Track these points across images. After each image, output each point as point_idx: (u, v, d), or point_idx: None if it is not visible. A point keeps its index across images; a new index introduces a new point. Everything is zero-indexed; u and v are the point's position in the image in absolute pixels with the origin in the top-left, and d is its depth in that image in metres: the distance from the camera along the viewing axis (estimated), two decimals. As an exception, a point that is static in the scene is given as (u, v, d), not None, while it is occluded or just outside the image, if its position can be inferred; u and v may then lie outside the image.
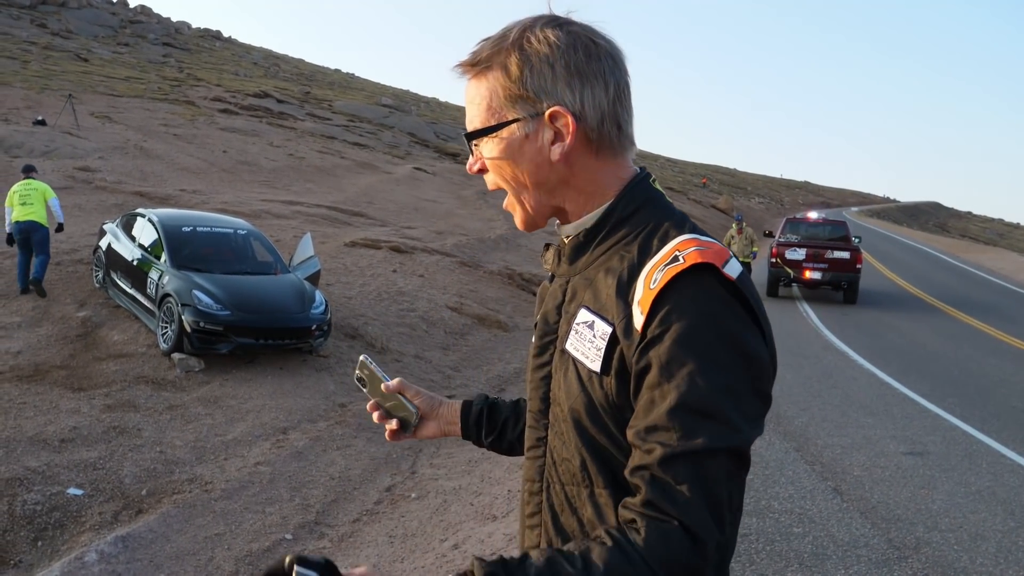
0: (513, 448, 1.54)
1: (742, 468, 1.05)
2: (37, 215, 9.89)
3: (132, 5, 57.48)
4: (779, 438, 7.01)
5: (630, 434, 1.08)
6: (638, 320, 1.08)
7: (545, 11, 1.20)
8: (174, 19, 60.42)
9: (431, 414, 1.54)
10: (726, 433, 1.02)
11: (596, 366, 1.13)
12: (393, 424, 1.52)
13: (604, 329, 1.13)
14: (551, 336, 1.24)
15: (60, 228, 10.48)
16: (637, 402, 1.08)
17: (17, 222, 9.80)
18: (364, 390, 1.54)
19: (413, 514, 5.82)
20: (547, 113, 1.16)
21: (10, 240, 9.98)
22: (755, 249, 18.21)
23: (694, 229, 1.15)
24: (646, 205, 1.20)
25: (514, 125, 1.17)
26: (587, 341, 1.15)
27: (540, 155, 1.18)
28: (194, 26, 62.87)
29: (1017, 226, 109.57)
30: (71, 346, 8.47)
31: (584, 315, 1.17)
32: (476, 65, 1.19)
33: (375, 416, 1.53)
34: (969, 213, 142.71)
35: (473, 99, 1.20)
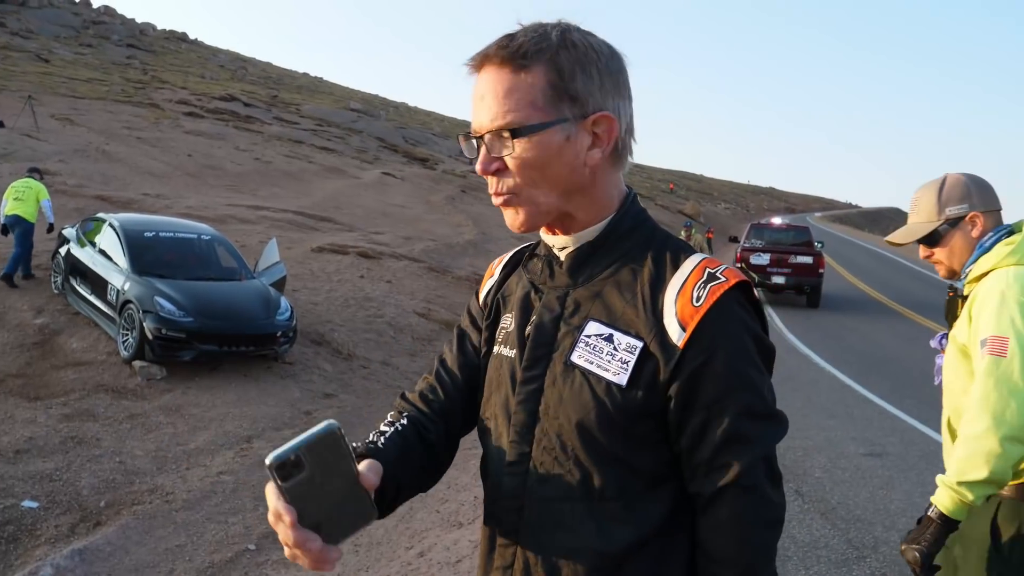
0: (421, 484, 1.33)
1: None
2: (24, 211, 10.45)
3: (95, 5, 56.66)
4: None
5: (695, 450, 1.14)
6: (676, 335, 1.12)
7: (556, 17, 1.19)
8: (139, 20, 59.68)
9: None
10: (781, 428, 1.17)
11: (621, 379, 1.13)
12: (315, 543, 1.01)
13: (631, 343, 1.14)
14: (546, 349, 1.21)
15: (51, 229, 11.01)
16: (688, 419, 1.13)
17: (7, 215, 10.44)
18: (282, 484, 0.98)
19: (378, 522, 5.79)
20: (593, 117, 1.16)
21: (4, 231, 10.55)
22: None
23: (694, 249, 1.25)
24: (641, 223, 1.25)
25: (559, 126, 1.15)
26: (605, 354, 1.15)
27: (576, 159, 1.17)
28: (159, 27, 62.12)
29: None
30: (28, 354, 8.31)
31: (596, 328, 1.17)
32: (518, 59, 1.14)
33: (291, 535, 1.00)
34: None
35: (507, 93, 1.14)
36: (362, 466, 1.05)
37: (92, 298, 9.11)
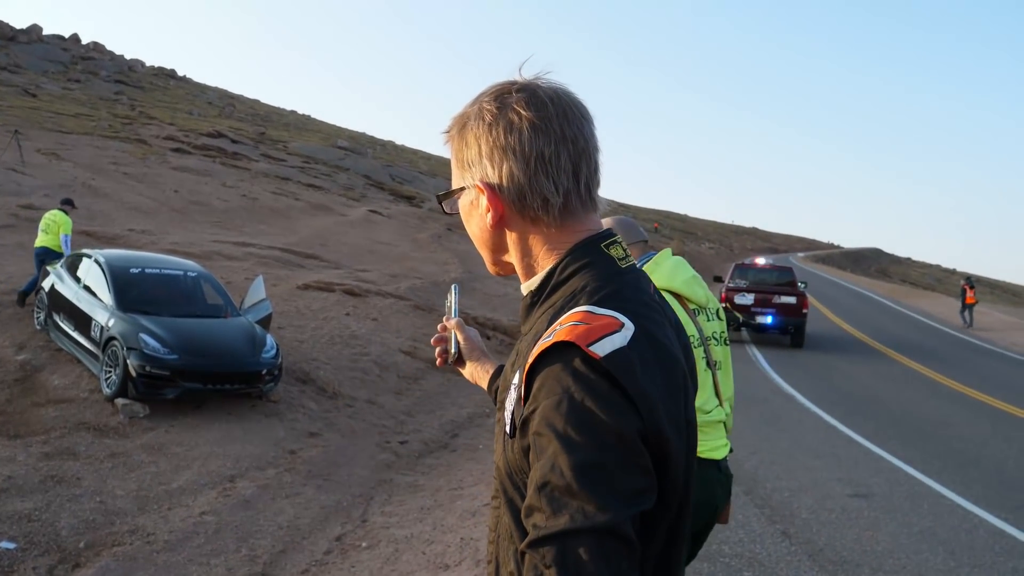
0: None
1: (620, 546, 0.97)
2: (50, 243, 11.30)
3: (84, 42, 56.91)
4: (729, 482, 7.09)
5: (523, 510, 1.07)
6: (523, 391, 1.10)
7: (514, 76, 1.23)
8: (127, 56, 59.91)
9: (471, 359, 1.73)
10: (591, 512, 0.97)
11: (508, 428, 1.15)
12: (439, 352, 1.74)
13: (515, 393, 1.14)
14: (504, 394, 1.23)
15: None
16: None
17: (36, 247, 11.38)
18: (444, 307, 1.77)
19: (364, 564, 5.72)
20: (476, 186, 1.22)
21: (40, 261, 11.26)
22: None
23: (614, 296, 1.13)
24: (583, 269, 1.19)
25: (463, 192, 1.26)
26: (510, 403, 1.15)
27: (482, 220, 1.24)
28: (148, 64, 62.39)
29: (953, 272, 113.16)
30: (8, 390, 8.21)
31: (516, 376, 1.16)
32: (446, 133, 1.28)
33: (433, 339, 1.74)
34: (909, 259, 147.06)
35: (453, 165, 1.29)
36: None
37: (75, 334, 9.03)
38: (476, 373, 1.73)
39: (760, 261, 22.84)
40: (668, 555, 1.12)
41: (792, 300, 18.02)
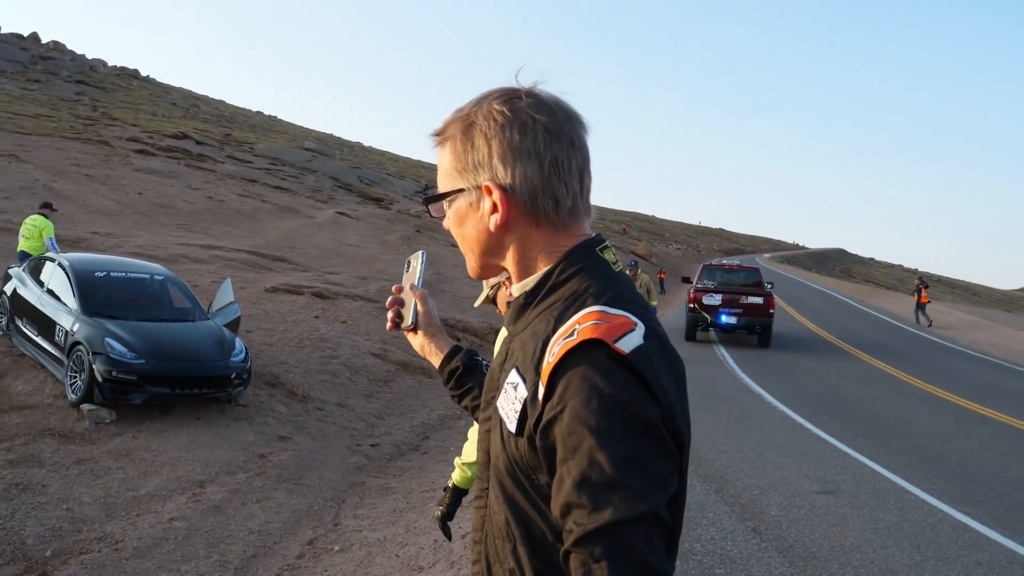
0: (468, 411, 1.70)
1: (660, 530, 1.04)
2: (31, 248, 11.40)
3: (44, 41, 55.83)
4: (700, 480, 7.16)
5: (554, 511, 1.09)
6: (540, 391, 1.12)
7: (511, 83, 1.26)
8: (89, 56, 58.88)
9: (426, 333, 1.70)
10: (632, 502, 1.02)
11: (513, 427, 1.17)
12: (391, 315, 1.71)
13: (522, 392, 1.17)
14: (493, 392, 1.28)
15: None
16: (553, 476, 1.10)
17: (18, 251, 11.58)
18: (404, 272, 1.74)
19: (337, 567, 5.69)
20: (483, 187, 1.24)
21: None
22: (654, 303, 14.93)
23: (618, 298, 1.17)
24: (581, 272, 1.22)
25: (461, 194, 1.27)
26: (511, 401, 1.19)
27: (481, 223, 1.26)
28: (110, 64, 61.40)
29: (915, 271, 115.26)
30: (-30, 397, 8.04)
31: (512, 376, 1.21)
32: (439, 135, 1.29)
33: (388, 300, 1.71)
34: (872, 259, 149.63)
35: (440, 167, 1.30)
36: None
37: (39, 339, 8.86)
38: (427, 347, 1.71)
39: (727, 262, 23.10)
40: (676, 532, 1.16)
41: (759, 300, 18.25)
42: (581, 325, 1.11)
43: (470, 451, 3.10)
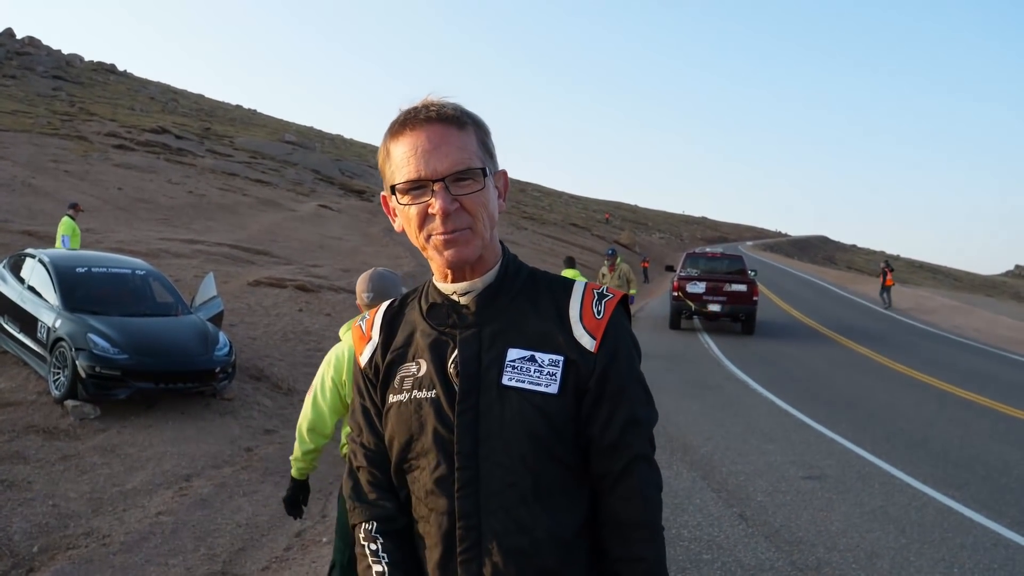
0: None
1: None
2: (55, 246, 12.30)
3: (19, 36, 55.04)
4: (686, 467, 7.20)
5: (604, 434, 1.39)
6: (589, 344, 1.39)
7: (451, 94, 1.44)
8: (65, 51, 58.14)
9: None
10: (656, 411, 1.47)
11: (553, 389, 1.36)
12: None
13: (553, 359, 1.38)
14: (474, 381, 1.38)
15: None
16: (599, 409, 1.39)
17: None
18: None
19: (325, 559, 5.67)
20: (497, 173, 1.46)
21: None
22: (632, 292, 14.28)
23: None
24: (521, 264, 1.51)
25: (489, 175, 1.41)
26: (532, 372, 1.37)
27: (494, 203, 1.43)
28: (87, 59, 60.65)
29: (897, 257, 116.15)
30: (-49, 395, 7.94)
31: (516, 353, 1.39)
32: (458, 119, 1.38)
33: None
34: (854, 246, 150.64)
35: (464, 145, 1.37)
36: None
37: (21, 336, 8.77)
38: None
39: (710, 250, 23.17)
40: None
41: (743, 288, 18.33)
42: (600, 289, 1.46)
43: (296, 446, 3.63)
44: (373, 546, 1.45)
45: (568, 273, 11.48)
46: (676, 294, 18.47)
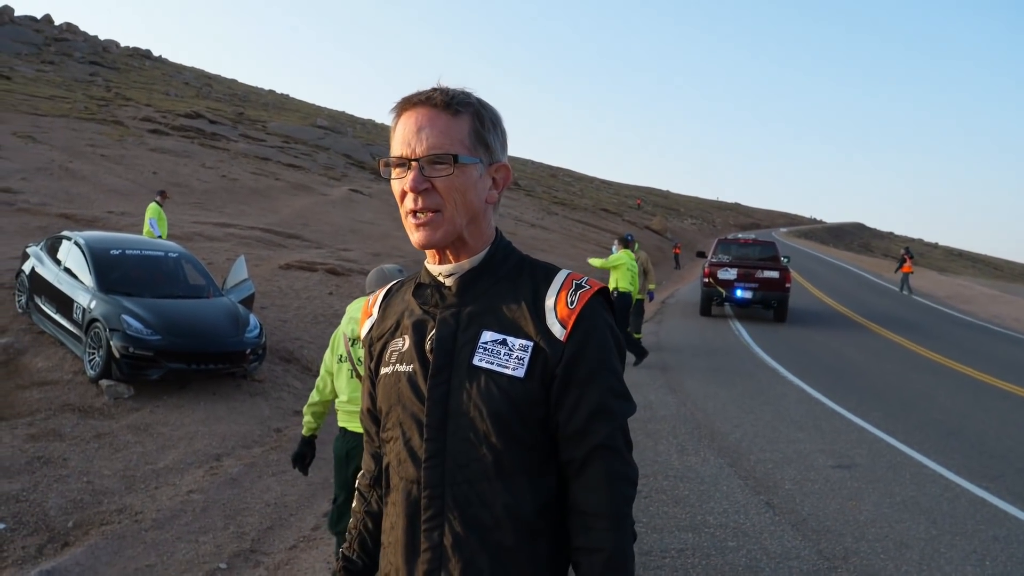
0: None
1: None
2: (145, 231, 13.21)
3: (57, 23, 55.90)
4: (713, 454, 7.15)
5: (569, 421, 1.42)
6: (559, 332, 1.43)
7: (460, 84, 1.49)
8: (102, 37, 58.94)
9: None
10: (632, 406, 1.49)
11: (519, 372, 1.42)
12: None
13: (523, 344, 1.43)
14: (447, 358, 1.46)
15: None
16: (565, 397, 1.43)
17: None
18: None
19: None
20: (496, 165, 1.50)
21: None
22: (651, 286, 13.71)
23: (558, 267, 1.56)
24: (513, 251, 1.56)
25: (477, 164, 1.46)
26: (502, 355, 1.43)
27: (482, 193, 1.48)
28: (123, 44, 61.43)
29: (935, 246, 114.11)
30: (-9, 374, 8.13)
31: (490, 335, 1.45)
32: (454, 106, 1.44)
33: None
34: (891, 233, 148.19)
35: (447, 130, 1.43)
36: None
37: (57, 317, 8.94)
38: None
39: (743, 236, 22.91)
40: None
41: (775, 275, 18.11)
42: (581, 279, 1.49)
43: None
44: (364, 492, 1.70)
45: (618, 257, 11.26)
46: (707, 280, 18.31)
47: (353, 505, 1.72)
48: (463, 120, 1.44)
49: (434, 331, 1.49)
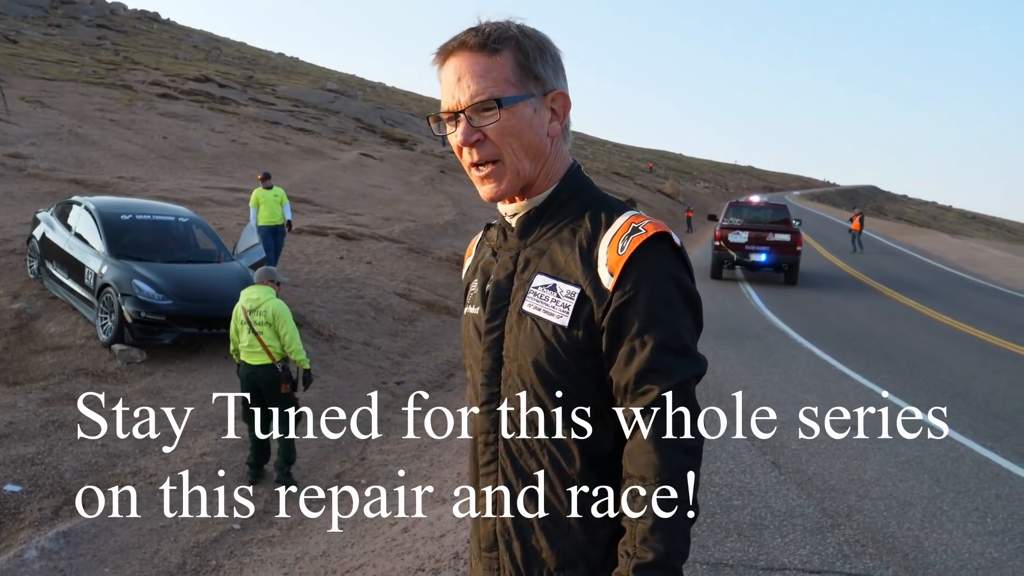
0: None
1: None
2: (263, 219, 11.69)
3: (63, -14, 55.44)
4: (721, 415, 7.20)
5: (620, 378, 1.31)
6: (607, 281, 1.32)
7: (505, 15, 1.40)
8: (108, 0, 58.51)
9: None
10: (695, 364, 1.33)
11: (563, 321, 1.33)
12: None
13: (570, 290, 1.34)
14: (503, 302, 1.42)
15: (289, 226, 12.37)
16: (616, 351, 1.32)
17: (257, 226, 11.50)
18: None
19: (365, 501, 5.84)
20: (552, 94, 1.40)
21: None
22: None
23: (635, 209, 1.40)
24: (583, 189, 1.44)
25: (528, 100, 1.37)
26: (550, 301, 1.36)
27: (542, 129, 1.39)
28: (130, 7, 61.00)
29: (949, 208, 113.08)
30: (5, 339, 8.25)
31: (542, 280, 1.38)
32: (491, 44, 1.34)
33: None
34: (905, 196, 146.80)
35: (485, 72, 1.34)
36: None
37: (69, 282, 9.03)
38: None
39: (754, 199, 22.76)
40: None
41: (786, 238, 18.02)
42: (640, 223, 1.34)
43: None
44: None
45: None
46: (718, 243, 18.24)
47: None
48: (504, 57, 1.34)
49: (494, 274, 1.46)
